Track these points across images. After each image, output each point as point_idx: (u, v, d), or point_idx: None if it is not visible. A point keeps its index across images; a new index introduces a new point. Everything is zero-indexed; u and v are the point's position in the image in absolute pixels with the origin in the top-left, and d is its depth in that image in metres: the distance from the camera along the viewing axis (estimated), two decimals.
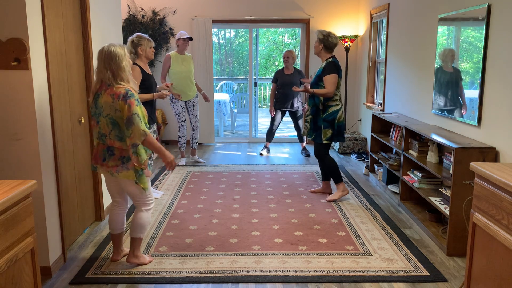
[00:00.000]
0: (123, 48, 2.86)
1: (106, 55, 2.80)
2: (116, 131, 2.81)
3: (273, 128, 6.58)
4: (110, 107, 2.77)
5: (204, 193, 4.75)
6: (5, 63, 2.71)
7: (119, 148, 2.84)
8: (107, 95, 2.78)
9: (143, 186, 2.89)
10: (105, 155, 2.88)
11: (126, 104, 2.72)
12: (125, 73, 2.84)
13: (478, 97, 3.40)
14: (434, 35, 4.23)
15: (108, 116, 2.79)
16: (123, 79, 2.82)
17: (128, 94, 2.75)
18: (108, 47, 2.82)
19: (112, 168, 2.85)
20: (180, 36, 5.66)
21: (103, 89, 2.82)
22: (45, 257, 2.97)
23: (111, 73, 2.79)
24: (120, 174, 2.85)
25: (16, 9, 2.67)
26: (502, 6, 3.14)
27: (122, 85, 2.79)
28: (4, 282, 1.83)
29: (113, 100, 2.76)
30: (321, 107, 4.37)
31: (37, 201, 2.87)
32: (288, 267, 3.08)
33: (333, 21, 7.13)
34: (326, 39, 4.37)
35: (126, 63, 2.85)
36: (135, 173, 2.83)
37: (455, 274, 3.04)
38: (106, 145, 2.87)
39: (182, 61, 5.70)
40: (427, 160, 3.93)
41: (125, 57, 2.84)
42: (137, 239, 3.06)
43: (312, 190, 4.80)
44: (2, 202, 1.79)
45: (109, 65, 2.79)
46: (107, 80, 2.80)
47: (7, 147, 2.81)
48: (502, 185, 2.06)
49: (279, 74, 6.41)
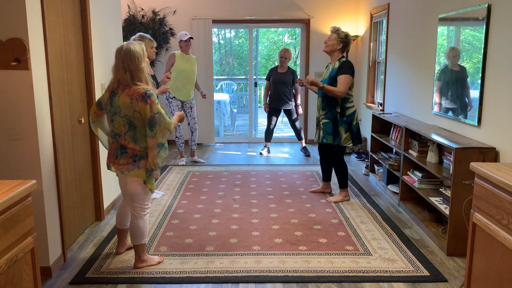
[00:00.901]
0: (142, 47, 2.83)
1: (125, 54, 2.76)
2: (131, 133, 2.80)
3: (270, 128, 6.58)
4: (128, 108, 2.75)
5: (204, 193, 4.75)
6: (5, 63, 2.71)
7: (133, 148, 2.84)
8: (125, 95, 2.76)
9: (150, 187, 2.89)
10: (117, 153, 2.87)
11: (147, 104, 2.71)
12: (144, 73, 2.81)
13: (478, 97, 3.40)
14: (434, 35, 4.23)
15: (125, 116, 2.78)
16: (141, 80, 2.80)
17: (147, 94, 2.73)
18: (127, 46, 2.78)
19: (123, 166, 2.85)
20: (181, 38, 5.66)
21: (120, 88, 2.80)
22: (45, 257, 2.97)
23: (129, 73, 2.76)
24: (131, 173, 2.84)
25: (16, 9, 2.67)
26: (502, 6, 3.14)
27: (139, 86, 2.77)
28: (4, 282, 1.83)
29: (131, 101, 2.74)
30: (338, 109, 4.25)
31: (37, 201, 2.87)
32: (288, 267, 3.08)
33: (333, 21, 7.13)
34: (346, 39, 4.29)
35: (145, 64, 2.83)
36: (145, 173, 2.84)
37: (455, 274, 3.04)
38: (120, 144, 2.87)
39: (187, 60, 5.72)
40: (427, 160, 3.93)
41: (143, 56, 2.81)
42: (139, 245, 3.04)
43: (312, 190, 4.79)
44: (2, 202, 1.78)
45: (128, 65, 2.76)
46: (124, 80, 2.78)
47: (7, 147, 2.81)
48: (502, 185, 2.06)
49: (272, 72, 6.42)
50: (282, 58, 6.29)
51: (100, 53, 4.04)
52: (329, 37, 4.34)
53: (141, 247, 3.04)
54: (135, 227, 2.98)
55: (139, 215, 2.98)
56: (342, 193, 4.51)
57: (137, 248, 3.04)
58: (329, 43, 4.31)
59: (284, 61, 6.27)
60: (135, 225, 2.98)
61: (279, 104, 6.37)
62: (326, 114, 4.32)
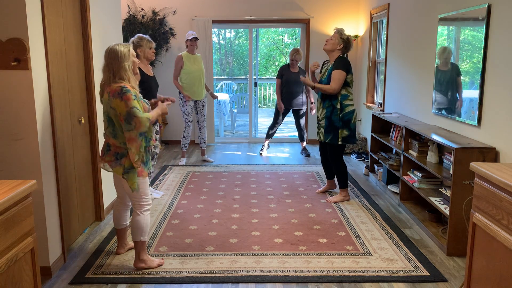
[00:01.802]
0: (127, 47, 2.89)
1: (110, 54, 2.85)
2: (110, 128, 2.88)
3: (275, 126, 6.57)
4: (107, 104, 2.84)
5: (204, 193, 4.75)
6: (5, 63, 2.71)
7: (113, 144, 2.90)
8: (106, 93, 2.85)
9: (130, 184, 2.89)
10: (105, 150, 2.96)
11: (122, 100, 2.76)
12: (126, 72, 2.85)
13: (478, 97, 3.40)
14: (434, 35, 4.23)
15: (105, 113, 2.87)
16: (123, 78, 2.84)
17: (123, 91, 2.77)
18: (113, 46, 2.87)
19: (108, 163, 2.93)
20: (187, 37, 5.75)
21: (105, 87, 2.88)
22: (45, 257, 2.97)
23: (112, 71, 2.84)
24: (114, 169, 2.92)
25: (16, 9, 2.67)
26: (502, 6, 3.14)
27: (119, 83, 2.82)
28: (4, 282, 1.83)
29: (109, 98, 2.81)
30: (338, 106, 4.25)
31: (37, 201, 2.87)
32: (288, 267, 3.08)
33: (333, 21, 7.13)
34: (348, 42, 4.30)
35: (129, 63, 2.87)
36: (122, 169, 2.87)
37: (455, 274, 3.04)
38: (106, 141, 2.96)
39: (194, 60, 5.76)
40: (427, 160, 3.93)
41: (128, 56, 2.87)
42: (139, 242, 3.03)
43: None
44: (2, 202, 1.78)
45: (111, 64, 2.84)
46: (107, 78, 2.86)
47: (7, 147, 2.81)
48: (502, 185, 2.06)
49: (284, 70, 6.37)
50: (293, 61, 6.24)
51: (100, 53, 4.03)
52: (332, 36, 4.35)
53: (140, 245, 3.03)
54: (133, 223, 3.00)
55: (138, 211, 3.01)
56: (342, 193, 4.51)
57: (136, 246, 3.04)
58: (330, 42, 4.31)
59: (295, 63, 6.26)
60: (133, 221, 3.00)
61: (291, 104, 6.36)
62: (326, 112, 4.33)
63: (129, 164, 2.87)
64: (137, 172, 2.89)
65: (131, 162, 2.86)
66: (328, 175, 4.74)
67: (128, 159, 2.87)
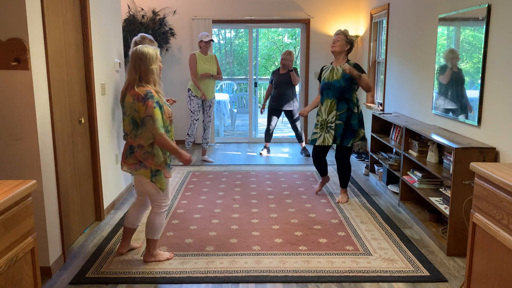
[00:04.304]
0: (155, 50, 2.90)
1: (137, 56, 2.84)
2: (134, 131, 2.88)
3: (270, 128, 6.59)
4: (131, 107, 2.83)
5: (204, 193, 4.75)
6: (5, 63, 2.71)
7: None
8: (130, 95, 2.84)
9: (159, 186, 2.94)
10: (127, 153, 2.97)
11: (144, 105, 2.77)
12: (153, 75, 2.87)
13: (478, 97, 3.40)
14: (434, 35, 4.23)
15: (129, 116, 2.87)
16: (149, 81, 2.86)
17: (147, 96, 2.78)
18: (141, 48, 2.87)
19: (131, 165, 2.94)
20: (202, 38, 5.77)
21: (129, 89, 2.88)
22: (45, 257, 2.97)
23: (139, 74, 2.84)
24: (138, 172, 2.93)
25: (16, 9, 2.67)
26: (502, 6, 3.14)
27: (145, 87, 2.82)
28: (4, 282, 1.83)
29: (133, 101, 2.81)
30: (356, 110, 4.30)
31: (37, 201, 2.87)
32: (288, 267, 3.08)
33: (333, 21, 7.13)
34: (352, 43, 4.34)
35: (156, 67, 2.89)
36: (150, 172, 2.90)
37: (455, 274, 3.04)
38: (129, 144, 2.96)
39: (206, 60, 5.78)
40: (427, 160, 3.93)
41: (156, 60, 2.88)
42: (151, 240, 3.11)
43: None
44: (2, 202, 1.78)
45: (139, 66, 2.84)
46: (133, 81, 2.85)
47: (7, 147, 2.81)
48: (502, 185, 2.06)
49: (275, 74, 6.43)
50: (283, 61, 6.27)
51: (100, 53, 4.04)
52: (337, 38, 4.30)
53: (152, 242, 3.12)
54: (150, 221, 3.07)
55: (156, 211, 3.07)
56: (345, 192, 4.54)
57: (148, 242, 3.13)
58: (338, 44, 4.29)
59: (285, 63, 6.26)
60: (150, 219, 3.07)
61: (280, 105, 6.37)
62: (341, 115, 4.27)
63: (155, 167, 2.90)
64: (163, 173, 2.94)
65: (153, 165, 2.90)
66: (323, 173, 4.71)
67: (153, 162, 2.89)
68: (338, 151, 4.46)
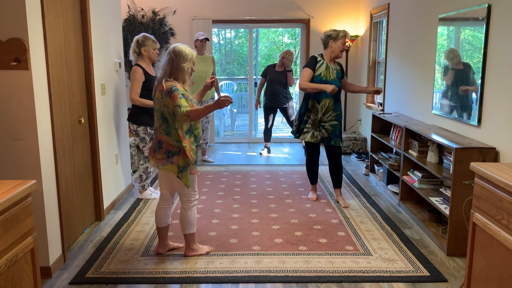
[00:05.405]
0: (192, 52, 2.98)
1: (174, 51, 2.92)
2: (164, 126, 2.95)
3: (268, 127, 6.58)
4: (160, 102, 2.92)
5: (204, 193, 4.75)
6: (5, 63, 2.71)
7: (166, 142, 2.97)
8: (158, 91, 2.93)
9: (185, 182, 2.99)
10: (156, 148, 3.03)
11: (171, 99, 2.84)
12: (183, 73, 2.94)
13: (478, 97, 3.40)
14: (434, 35, 4.23)
15: (158, 111, 2.95)
16: (178, 78, 2.93)
17: (172, 89, 2.85)
18: (179, 45, 2.97)
19: (159, 160, 3.00)
20: (197, 37, 5.72)
21: (158, 85, 2.95)
22: (45, 257, 2.97)
23: (170, 69, 2.91)
24: (165, 167, 2.98)
25: (16, 9, 2.67)
26: (502, 6, 3.14)
27: (172, 82, 2.89)
28: (4, 282, 1.83)
29: (161, 96, 2.89)
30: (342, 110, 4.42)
31: (37, 201, 2.87)
32: (288, 267, 3.08)
33: (333, 21, 7.13)
34: None
35: (188, 66, 2.95)
36: (177, 169, 2.95)
37: (455, 274, 3.04)
38: (158, 138, 3.02)
39: (200, 61, 5.74)
40: (427, 160, 3.93)
41: (189, 60, 2.95)
42: (188, 234, 3.20)
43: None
44: (2, 202, 1.78)
45: (172, 61, 2.92)
46: (163, 75, 2.93)
47: (7, 147, 2.81)
48: (502, 185, 2.06)
49: (269, 69, 6.39)
50: (283, 59, 6.24)
51: (100, 53, 4.04)
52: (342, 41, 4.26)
53: (190, 236, 3.21)
54: (183, 217, 3.16)
55: (186, 206, 3.13)
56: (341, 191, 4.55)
57: (186, 237, 3.21)
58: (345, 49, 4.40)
59: (285, 62, 6.24)
60: (183, 216, 3.16)
61: (276, 103, 6.37)
62: (337, 115, 4.31)
63: (183, 163, 2.95)
64: (190, 169, 2.99)
65: (184, 161, 2.94)
66: (315, 179, 4.62)
67: (181, 158, 2.94)
68: (333, 150, 4.42)
